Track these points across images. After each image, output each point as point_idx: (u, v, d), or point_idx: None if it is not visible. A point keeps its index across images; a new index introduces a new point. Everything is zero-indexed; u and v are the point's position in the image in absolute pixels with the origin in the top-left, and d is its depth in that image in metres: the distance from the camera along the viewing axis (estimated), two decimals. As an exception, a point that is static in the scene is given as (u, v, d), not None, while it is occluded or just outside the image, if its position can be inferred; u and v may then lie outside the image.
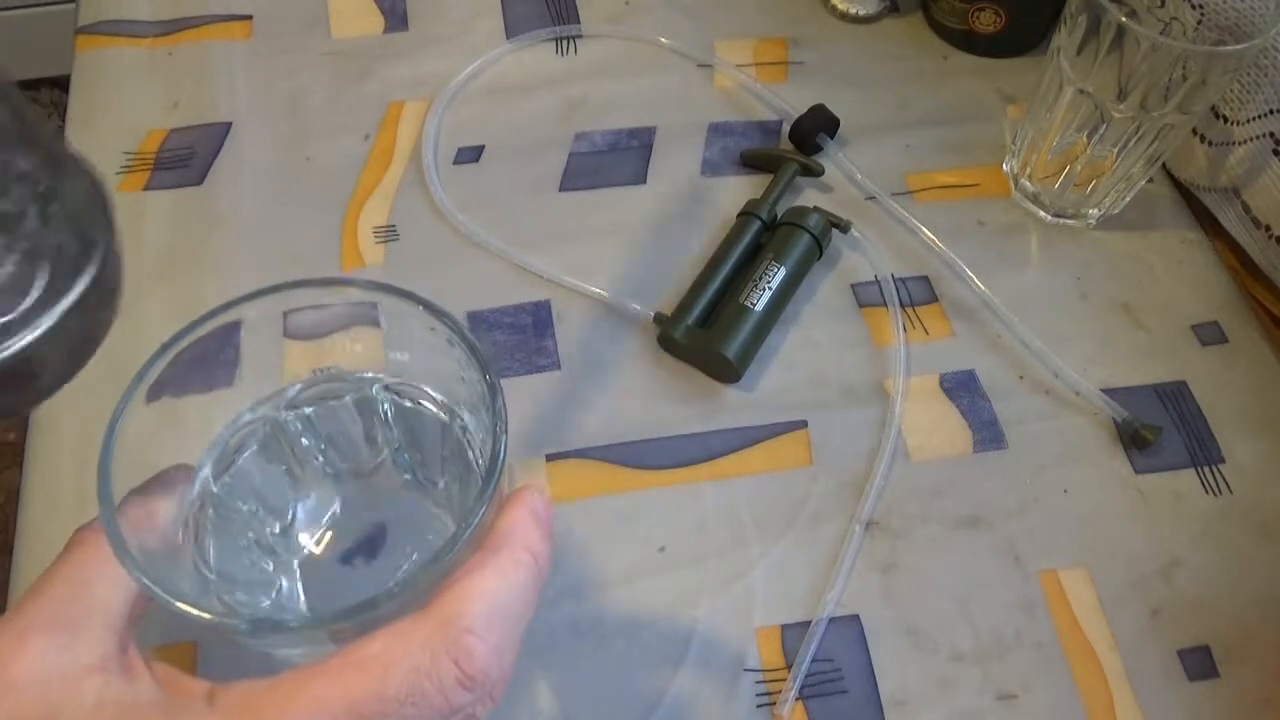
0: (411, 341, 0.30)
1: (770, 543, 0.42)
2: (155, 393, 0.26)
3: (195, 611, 0.23)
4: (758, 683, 0.39)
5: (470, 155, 0.53)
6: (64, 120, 0.54)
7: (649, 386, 0.46)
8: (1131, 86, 0.44)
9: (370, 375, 0.32)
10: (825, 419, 0.45)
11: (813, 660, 0.39)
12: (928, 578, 0.41)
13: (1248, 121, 0.49)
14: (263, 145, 0.53)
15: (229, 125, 0.54)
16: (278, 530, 0.31)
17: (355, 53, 0.57)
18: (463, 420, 0.31)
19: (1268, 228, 0.49)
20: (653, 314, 0.47)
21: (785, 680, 0.39)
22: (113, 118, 0.54)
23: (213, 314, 0.27)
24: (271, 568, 0.31)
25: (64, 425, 0.43)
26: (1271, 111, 0.48)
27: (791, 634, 0.40)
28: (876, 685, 0.39)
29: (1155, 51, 0.42)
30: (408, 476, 0.33)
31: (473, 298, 0.48)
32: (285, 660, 0.26)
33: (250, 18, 0.59)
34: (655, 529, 0.42)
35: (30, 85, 1.36)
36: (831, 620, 0.40)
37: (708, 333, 0.45)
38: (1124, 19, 0.42)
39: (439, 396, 0.32)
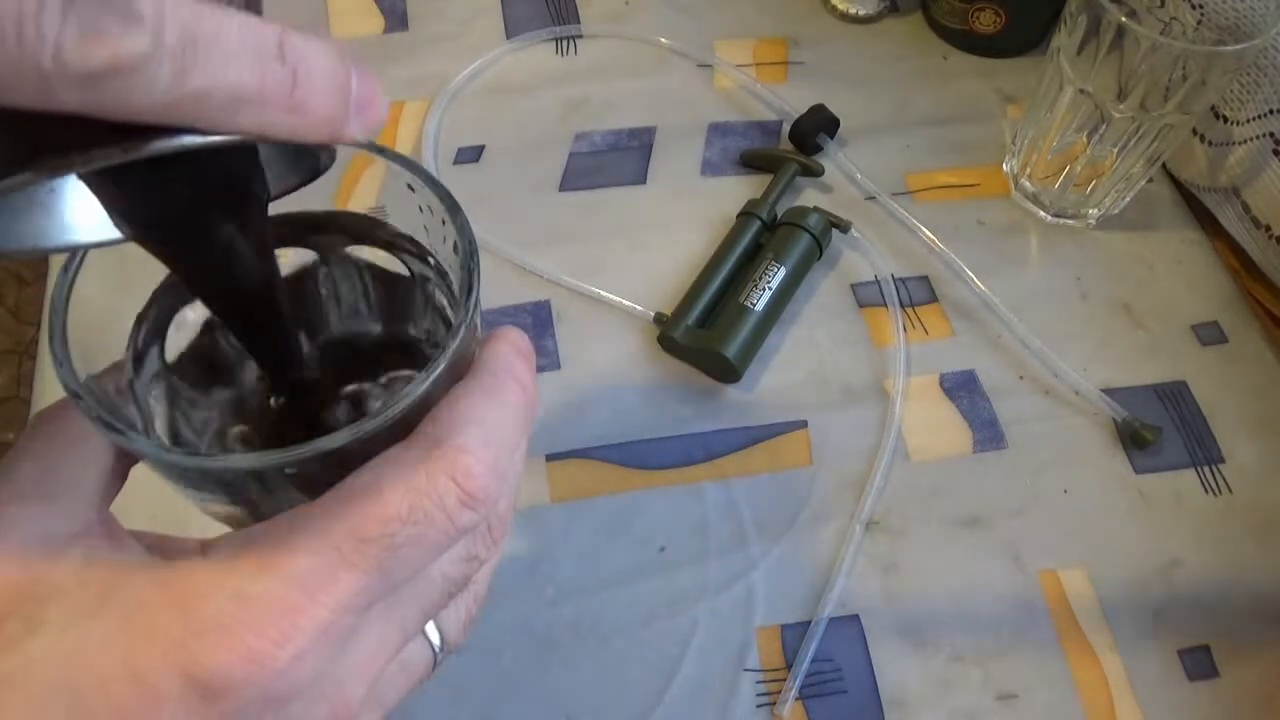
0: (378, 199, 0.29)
1: (770, 543, 0.42)
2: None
3: (190, 460, 0.21)
4: (758, 683, 0.39)
5: (470, 155, 0.53)
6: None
7: (649, 386, 0.46)
8: (1131, 86, 0.44)
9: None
10: (825, 419, 0.45)
11: (813, 660, 0.39)
12: (928, 578, 0.41)
13: (1248, 121, 0.49)
14: (263, 145, 0.53)
15: (229, 125, 0.54)
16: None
17: (355, 53, 0.57)
18: (436, 271, 0.29)
19: (1268, 228, 0.49)
20: (653, 314, 0.47)
21: (785, 680, 0.39)
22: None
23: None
24: None
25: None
26: (1271, 111, 0.48)
27: (791, 634, 0.40)
28: (876, 685, 0.39)
29: (1155, 51, 0.42)
30: None
31: (473, 298, 0.48)
32: None
33: (250, 18, 0.59)
34: (655, 529, 0.42)
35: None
36: (831, 620, 0.40)
37: (708, 333, 0.45)
38: (1124, 19, 0.42)
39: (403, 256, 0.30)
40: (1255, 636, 0.41)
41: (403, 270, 0.29)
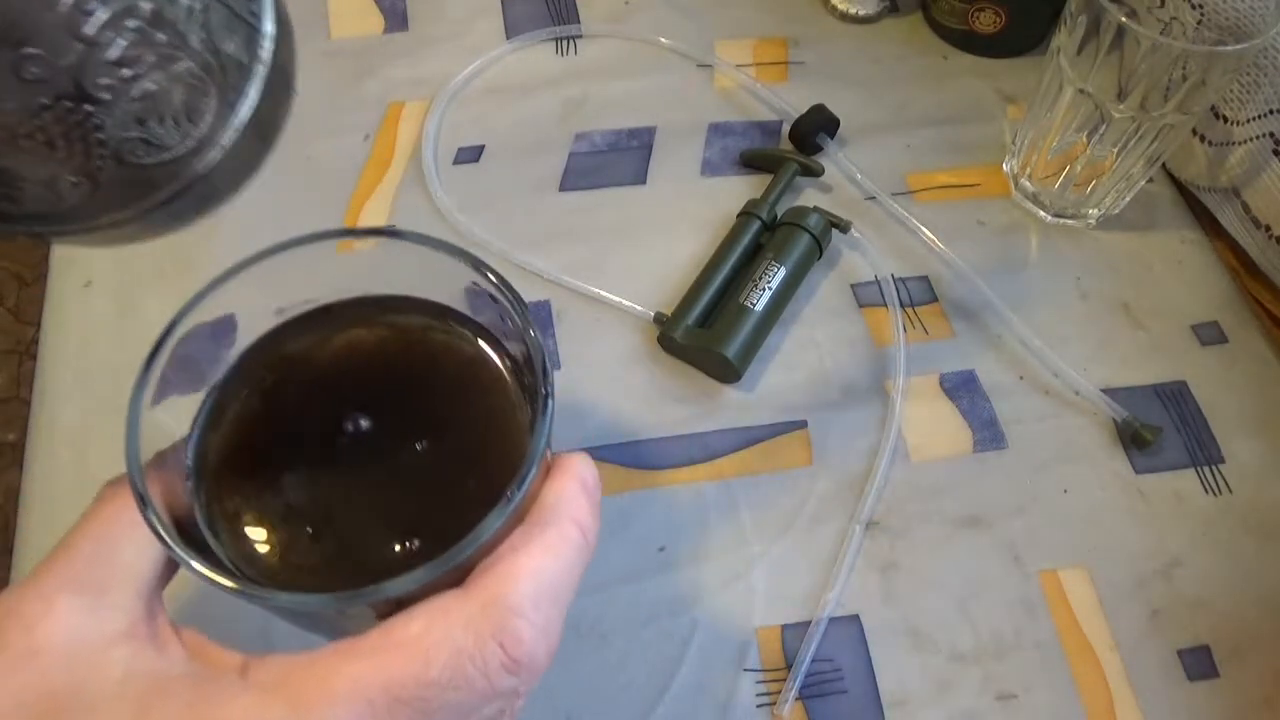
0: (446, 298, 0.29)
1: (770, 543, 0.42)
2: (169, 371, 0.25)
3: (221, 580, 0.22)
4: (758, 683, 0.39)
5: (470, 155, 0.53)
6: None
7: (649, 386, 0.46)
8: (1131, 86, 0.44)
9: None
10: (825, 419, 0.45)
11: (813, 660, 0.39)
12: (928, 578, 0.41)
13: (1248, 121, 0.49)
14: (263, 145, 0.53)
15: (229, 125, 0.54)
16: None
17: (355, 53, 0.57)
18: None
19: (1268, 228, 0.49)
20: (653, 314, 0.47)
21: (785, 680, 0.39)
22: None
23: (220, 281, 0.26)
24: None
25: (64, 425, 0.43)
26: (1271, 111, 0.48)
27: (791, 634, 0.40)
28: (876, 685, 0.39)
29: (1155, 51, 0.42)
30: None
31: (473, 298, 0.48)
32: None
33: (250, 18, 0.59)
34: (655, 529, 0.42)
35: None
36: (831, 620, 0.40)
37: (708, 333, 0.45)
38: (1124, 19, 0.42)
39: None
40: (1255, 637, 0.41)
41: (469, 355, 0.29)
